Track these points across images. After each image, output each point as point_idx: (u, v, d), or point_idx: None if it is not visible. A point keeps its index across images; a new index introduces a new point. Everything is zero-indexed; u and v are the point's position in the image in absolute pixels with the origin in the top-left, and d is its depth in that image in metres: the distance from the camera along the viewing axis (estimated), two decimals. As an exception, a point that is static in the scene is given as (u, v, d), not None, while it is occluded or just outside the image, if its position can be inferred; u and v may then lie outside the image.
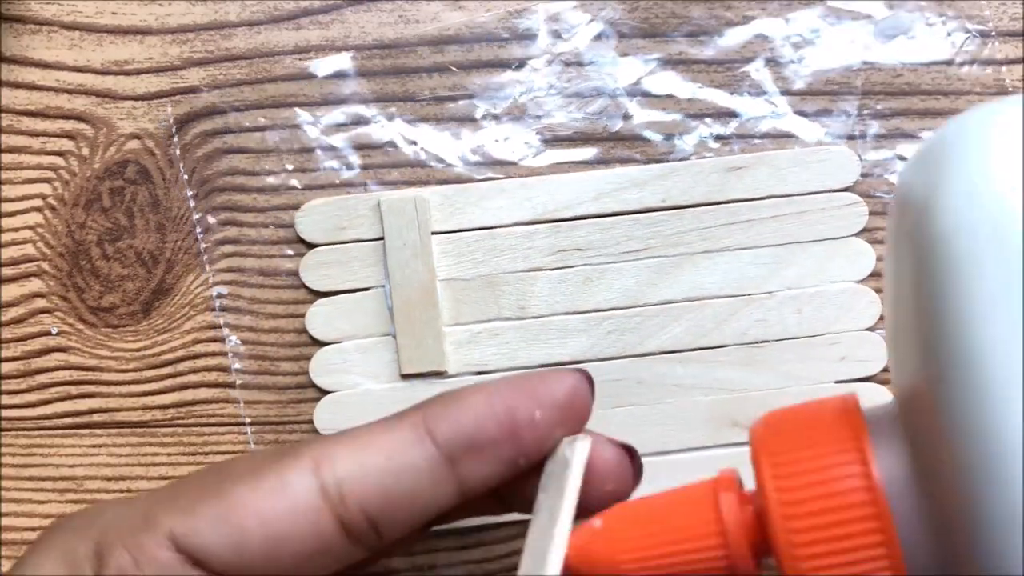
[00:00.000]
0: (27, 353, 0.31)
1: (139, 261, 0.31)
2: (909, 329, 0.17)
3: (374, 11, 0.30)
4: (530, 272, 0.30)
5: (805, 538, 0.17)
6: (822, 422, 0.18)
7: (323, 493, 0.18)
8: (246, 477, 0.18)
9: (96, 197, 0.30)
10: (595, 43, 0.30)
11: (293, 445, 0.19)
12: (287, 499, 0.18)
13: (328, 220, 0.30)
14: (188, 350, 0.30)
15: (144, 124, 0.30)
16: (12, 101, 0.31)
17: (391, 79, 0.30)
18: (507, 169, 0.30)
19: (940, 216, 0.15)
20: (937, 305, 0.15)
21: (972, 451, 0.14)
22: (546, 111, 0.30)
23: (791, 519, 0.17)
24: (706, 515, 0.18)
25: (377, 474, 0.18)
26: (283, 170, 0.30)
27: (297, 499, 0.18)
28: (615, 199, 0.29)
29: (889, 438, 0.17)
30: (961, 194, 0.15)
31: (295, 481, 0.18)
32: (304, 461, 0.18)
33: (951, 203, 0.15)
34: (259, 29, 0.30)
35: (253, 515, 0.18)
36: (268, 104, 0.30)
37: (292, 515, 0.18)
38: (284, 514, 0.18)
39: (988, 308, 0.14)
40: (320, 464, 0.18)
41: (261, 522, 0.18)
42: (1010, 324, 0.14)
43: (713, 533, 0.18)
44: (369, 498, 0.18)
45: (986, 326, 0.14)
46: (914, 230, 0.16)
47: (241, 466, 0.19)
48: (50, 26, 0.30)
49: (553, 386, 0.20)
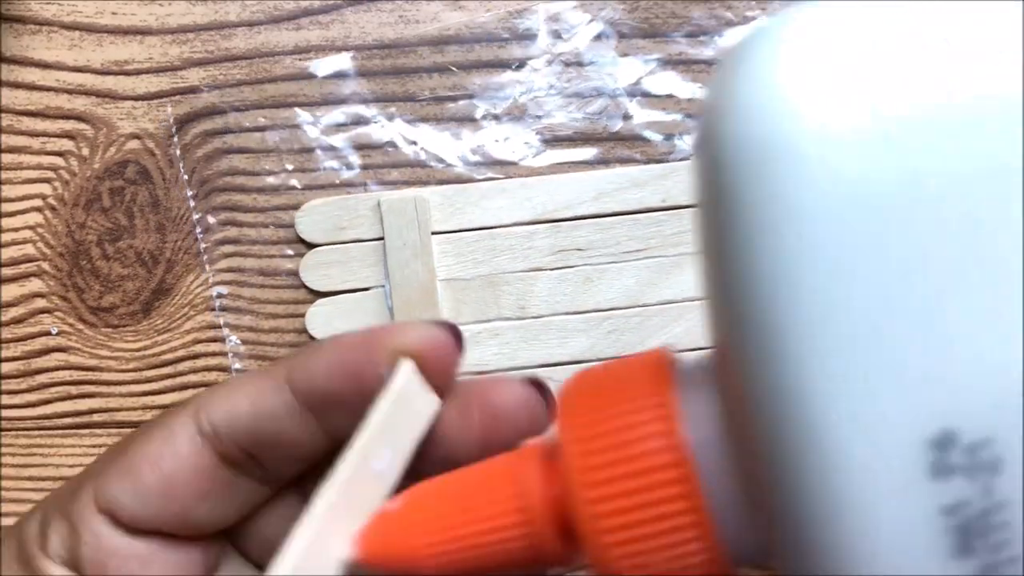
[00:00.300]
0: (27, 353, 0.31)
1: (139, 261, 0.31)
2: (705, 273, 0.15)
3: (374, 11, 0.30)
4: (530, 272, 0.30)
5: (610, 521, 0.15)
6: (630, 379, 0.16)
7: (202, 435, 0.19)
8: (143, 432, 0.20)
9: (96, 197, 0.30)
10: (595, 43, 0.30)
11: (185, 401, 0.21)
12: (172, 444, 0.19)
13: (328, 220, 0.30)
14: (188, 350, 0.30)
15: (144, 124, 0.30)
16: (12, 101, 0.31)
17: (391, 79, 0.30)
18: (507, 169, 0.30)
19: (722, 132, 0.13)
20: (716, 234, 0.14)
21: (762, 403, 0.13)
22: (546, 111, 0.30)
23: (594, 499, 0.15)
24: (507, 492, 0.16)
25: (244, 419, 0.19)
26: (283, 170, 0.30)
27: (180, 443, 0.19)
28: (615, 199, 0.29)
29: (702, 395, 0.15)
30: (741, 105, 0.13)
31: (178, 428, 0.20)
32: (187, 410, 0.20)
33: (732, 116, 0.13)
34: (259, 29, 0.30)
35: (145, 462, 0.19)
36: (268, 104, 0.30)
37: (177, 456, 0.19)
38: (170, 457, 0.19)
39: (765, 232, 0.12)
40: (198, 412, 0.20)
41: (152, 467, 0.19)
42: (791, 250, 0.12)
43: (512, 511, 0.16)
44: (240, 438, 0.19)
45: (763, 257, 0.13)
46: (702, 150, 0.14)
47: (144, 425, 0.21)
48: (50, 26, 0.30)
49: (405, 337, 0.19)
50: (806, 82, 0.12)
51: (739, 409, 0.14)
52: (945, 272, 0.12)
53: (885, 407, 0.12)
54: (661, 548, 0.15)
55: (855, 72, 0.12)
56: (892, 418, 0.12)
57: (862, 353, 0.12)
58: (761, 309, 0.13)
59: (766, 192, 0.12)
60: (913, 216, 0.12)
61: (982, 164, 0.12)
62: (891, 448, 0.12)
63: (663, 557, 0.15)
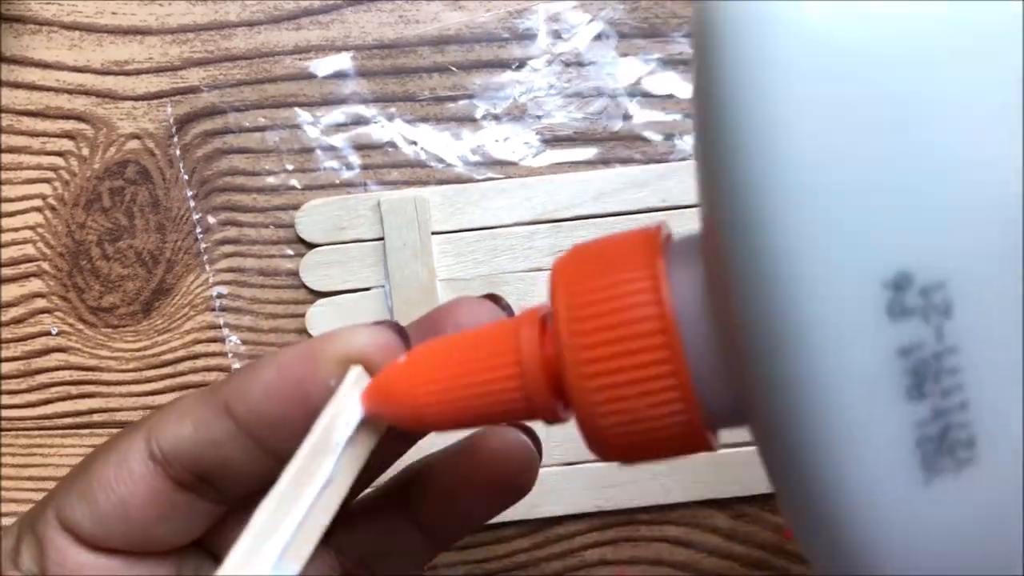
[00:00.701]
0: (27, 353, 0.31)
1: (139, 261, 0.31)
2: (694, 147, 0.15)
3: (374, 11, 0.30)
4: (530, 272, 0.30)
5: (594, 368, 0.16)
6: (622, 250, 0.16)
7: (153, 459, 0.19)
8: (101, 453, 0.20)
9: (96, 197, 0.30)
10: (595, 43, 0.30)
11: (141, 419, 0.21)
12: (126, 468, 0.19)
13: (328, 220, 0.30)
14: (188, 350, 0.30)
15: (144, 124, 0.30)
16: (12, 101, 0.31)
17: (391, 79, 0.30)
18: (507, 169, 0.30)
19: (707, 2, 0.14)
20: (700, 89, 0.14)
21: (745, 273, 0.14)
22: (546, 111, 0.30)
23: (580, 349, 0.16)
24: (505, 349, 0.17)
25: (189, 445, 0.19)
26: (283, 170, 0.30)
27: (133, 467, 0.19)
28: (615, 199, 0.29)
29: (688, 265, 0.16)
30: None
31: (131, 452, 0.20)
32: (140, 432, 0.20)
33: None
34: (259, 29, 0.30)
35: (100, 484, 0.20)
36: (268, 104, 0.30)
37: (131, 481, 0.19)
38: (124, 481, 0.19)
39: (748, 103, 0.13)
40: (149, 436, 0.20)
41: (107, 491, 0.19)
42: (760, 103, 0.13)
43: (509, 364, 0.17)
44: (187, 465, 0.19)
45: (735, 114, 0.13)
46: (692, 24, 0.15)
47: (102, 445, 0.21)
48: (50, 26, 0.30)
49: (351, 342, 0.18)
50: None
51: (719, 273, 0.15)
52: (906, 121, 0.13)
53: (847, 250, 0.13)
54: (643, 405, 0.16)
55: None
56: (853, 260, 0.13)
57: (825, 199, 0.13)
58: (734, 167, 0.14)
59: (741, 51, 0.13)
60: (877, 71, 0.13)
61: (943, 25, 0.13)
62: (851, 288, 0.13)
63: (644, 414, 0.16)
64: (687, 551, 0.30)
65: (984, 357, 0.13)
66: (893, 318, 0.13)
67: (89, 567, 0.20)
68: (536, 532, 0.30)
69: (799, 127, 0.13)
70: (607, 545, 0.30)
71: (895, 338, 0.13)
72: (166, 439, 0.19)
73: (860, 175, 0.13)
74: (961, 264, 0.13)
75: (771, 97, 0.13)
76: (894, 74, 0.13)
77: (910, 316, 0.13)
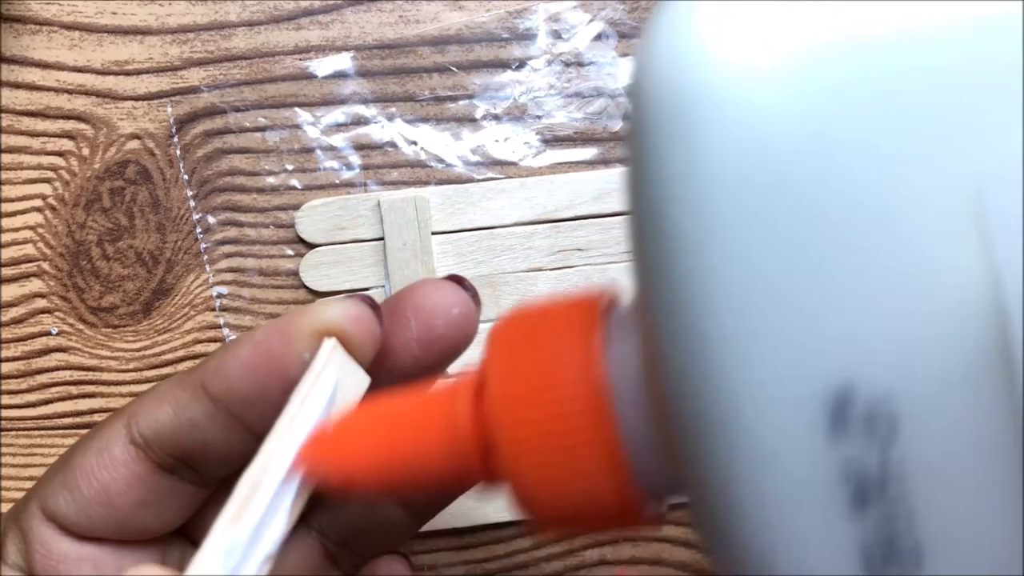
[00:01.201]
0: (27, 353, 0.31)
1: (139, 261, 0.31)
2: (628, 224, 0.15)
3: (374, 11, 0.30)
4: (530, 272, 0.30)
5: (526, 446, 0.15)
6: (560, 318, 0.16)
7: (134, 444, 0.20)
8: (82, 442, 0.20)
9: (96, 197, 0.30)
10: (595, 43, 0.30)
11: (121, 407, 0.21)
12: (107, 454, 0.20)
13: (328, 220, 0.30)
14: (188, 350, 0.30)
15: (144, 124, 0.30)
16: (12, 101, 0.31)
17: (391, 79, 0.30)
18: (507, 169, 0.30)
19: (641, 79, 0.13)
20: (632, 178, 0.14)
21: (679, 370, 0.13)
22: (546, 111, 0.30)
23: (512, 427, 0.15)
24: (437, 414, 0.17)
25: (168, 428, 0.19)
26: (283, 170, 0.30)
27: (114, 453, 0.20)
28: (615, 199, 0.29)
29: (630, 337, 0.15)
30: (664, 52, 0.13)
31: (112, 438, 0.20)
32: (121, 418, 0.20)
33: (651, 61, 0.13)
34: (259, 29, 0.30)
35: (82, 473, 0.20)
36: (268, 104, 0.30)
37: (112, 467, 0.20)
38: (106, 467, 0.20)
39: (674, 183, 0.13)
40: (129, 421, 0.20)
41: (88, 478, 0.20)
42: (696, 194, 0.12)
43: (442, 430, 0.16)
44: (168, 448, 0.19)
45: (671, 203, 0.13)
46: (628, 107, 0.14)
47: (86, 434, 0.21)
48: (50, 26, 0.30)
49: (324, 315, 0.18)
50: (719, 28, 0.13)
51: (652, 353, 0.14)
52: (850, 230, 0.12)
53: (784, 360, 0.12)
54: (574, 481, 0.15)
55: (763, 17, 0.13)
56: (791, 372, 0.12)
57: (760, 304, 0.12)
58: (667, 252, 0.13)
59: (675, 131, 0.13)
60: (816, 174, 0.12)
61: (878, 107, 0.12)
62: (789, 403, 0.12)
63: (576, 489, 0.15)
64: (687, 551, 0.30)
65: (931, 469, 0.12)
66: (835, 432, 0.12)
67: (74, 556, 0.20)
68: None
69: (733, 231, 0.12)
70: (607, 545, 0.30)
71: (837, 453, 0.12)
72: (146, 423, 0.19)
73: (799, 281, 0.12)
74: (907, 377, 0.12)
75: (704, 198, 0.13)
76: (841, 178, 0.12)
77: (853, 431, 0.12)
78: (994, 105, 0.12)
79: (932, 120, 0.12)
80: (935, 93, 0.12)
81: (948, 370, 0.12)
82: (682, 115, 0.13)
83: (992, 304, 0.12)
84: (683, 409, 0.13)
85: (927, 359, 0.12)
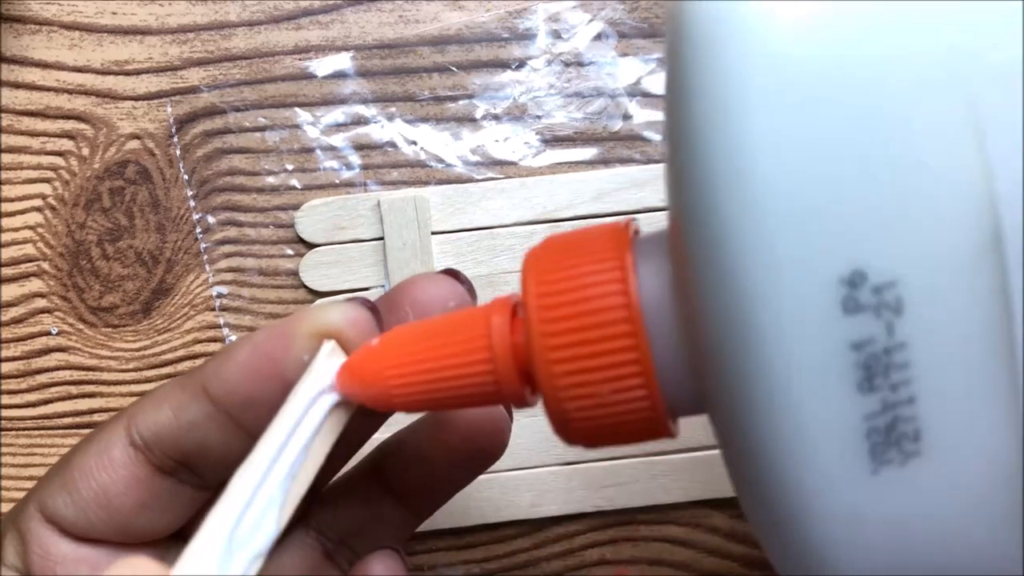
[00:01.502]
0: (27, 353, 0.31)
1: (139, 261, 0.31)
2: (665, 150, 0.16)
3: (374, 11, 0.30)
4: (530, 272, 0.30)
5: (562, 354, 0.16)
6: (592, 242, 0.17)
7: (134, 446, 0.20)
8: (82, 445, 0.20)
9: (96, 197, 0.30)
10: (595, 43, 0.30)
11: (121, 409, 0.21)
12: (106, 456, 0.20)
13: (328, 220, 0.30)
14: (188, 350, 0.31)
15: (144, 124, 0.30)
16: (12, 101, 0.31)
17: (391, 79, 0.30)
18: (507, 169, 0.30)
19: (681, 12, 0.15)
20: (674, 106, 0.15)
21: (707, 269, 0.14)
22: (546, 111, 0.30)
23: (549, 336, 0.16)
24: (475, 334, 0.17)
25: (168, 430, 0.19)
26: (283, 170, 0.30)
27: (114, 455, 0.20)
28: (615, 199, 0.29)
29: (655, 260, 0.17)
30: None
31: (112, 440, 0.20)
32: (121, 420, 0.20)
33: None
34: (259, 29, 0.30)
35: (81, 475, 0.20)
36: (268, 104, 0.30)
37: (111, 469, 0.20)
38: (105, 469, 0.20)
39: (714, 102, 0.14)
40: (129, 423, 0.20)
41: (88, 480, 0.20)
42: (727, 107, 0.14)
43: (480, 349, 0.17)
44: (168, 450, 0.19)
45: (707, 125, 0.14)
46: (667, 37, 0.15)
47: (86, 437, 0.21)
48: (50, 26, 0.30)
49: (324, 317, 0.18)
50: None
51: (682, 269, 0.15)
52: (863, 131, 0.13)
53: (805, 248, 0.14)
54: (607, 391, 0.16)
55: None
56: (810, 258, 0.14)
57: (785, 201, 0.14)
58: (699, 171, 0.14)
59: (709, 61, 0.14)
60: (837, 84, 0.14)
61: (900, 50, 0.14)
62: (808, 284, 0.14)
63: (609, 400, 0.16)
64: (687, 551, 0.30)
65: (932, 354, 0.13)
66: (847, 313, 0.13)
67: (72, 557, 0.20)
68: (536, 532, 0.30)
69: (761, 136, 0.14)
70: (607, 545, 0.30)
71: (848, 332, 0.13)
72: (146, 425, 0.19)
73: (819, 180, 0.13)
74: (911, 264, 0.13)
75: (735, 107, 0.14)
76: (854, 88, 0.14)
77: (863, 312, 0.13)
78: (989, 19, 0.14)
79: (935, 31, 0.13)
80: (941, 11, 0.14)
81: (947, 259, 0.13)
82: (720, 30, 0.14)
83: (987, 198, 0.13)
84: (710, 307, 0.14)
85: (928, 248, 0.13)
